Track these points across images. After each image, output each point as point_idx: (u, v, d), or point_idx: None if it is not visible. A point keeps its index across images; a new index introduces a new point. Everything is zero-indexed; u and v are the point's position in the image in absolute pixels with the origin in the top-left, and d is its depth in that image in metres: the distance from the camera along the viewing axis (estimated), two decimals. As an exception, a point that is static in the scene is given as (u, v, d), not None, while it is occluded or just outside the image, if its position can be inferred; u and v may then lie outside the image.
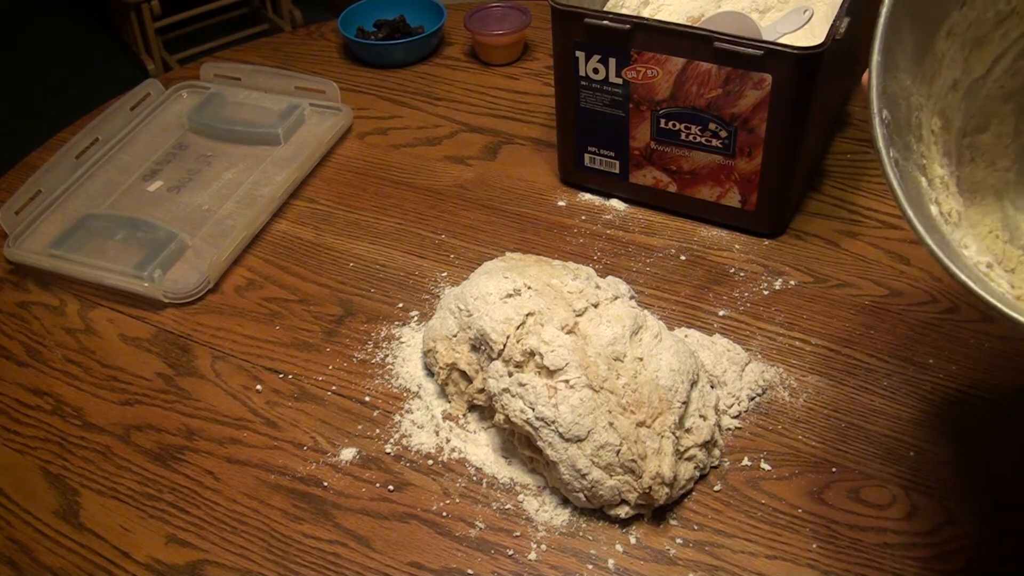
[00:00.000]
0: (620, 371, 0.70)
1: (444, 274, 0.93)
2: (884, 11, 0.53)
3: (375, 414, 0.80)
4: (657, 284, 0.90)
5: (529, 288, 0.75)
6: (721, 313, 0.87)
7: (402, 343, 0.85)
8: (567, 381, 0.69)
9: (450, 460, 0.76)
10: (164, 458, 0.77)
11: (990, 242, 0.60)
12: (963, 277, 0.49)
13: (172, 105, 1.16)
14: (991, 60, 0.60)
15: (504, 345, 0.72)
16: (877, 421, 0.76)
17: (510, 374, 0.71)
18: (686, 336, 0.81)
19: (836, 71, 0.90)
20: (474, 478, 0.74)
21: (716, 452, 0.74)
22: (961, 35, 0.58)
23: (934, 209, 0.56)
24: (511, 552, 0.69)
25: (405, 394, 0.81)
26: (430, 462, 0.76)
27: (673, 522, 0.71)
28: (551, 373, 0.69)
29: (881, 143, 0.52)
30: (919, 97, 0.57)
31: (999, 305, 0.47)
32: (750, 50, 0.82)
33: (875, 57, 0.53)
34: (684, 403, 0.71)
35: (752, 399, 0.78)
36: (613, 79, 0.90)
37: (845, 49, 0.86)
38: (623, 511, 0.69)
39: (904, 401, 0.78)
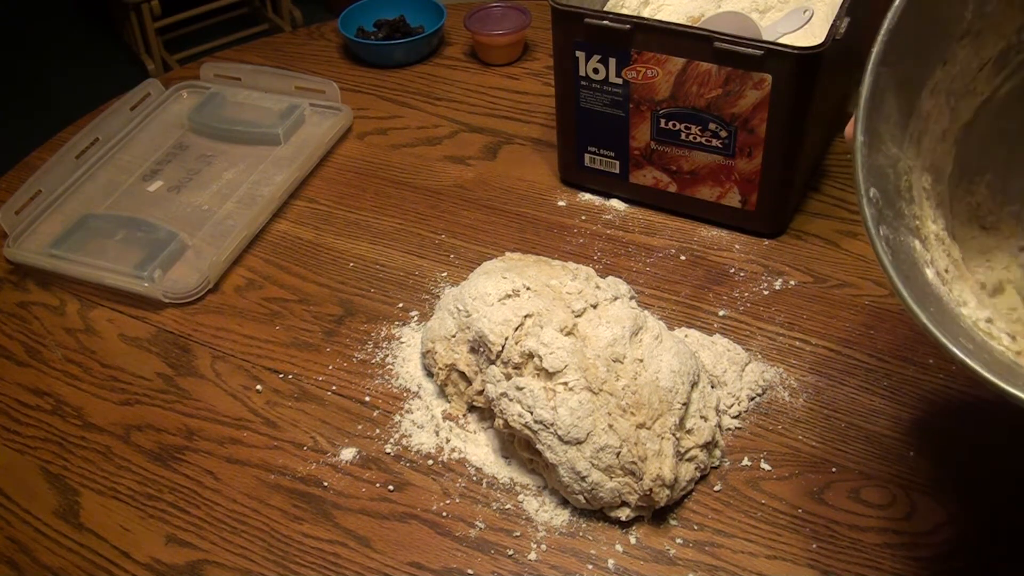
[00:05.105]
0: (620, 373, 0.70)
1: (444, 274, 0.92)
2: (864, 92, 0.51)
3: (375, 414, 0.80)
4: (657, 284, 0.90)
5: (528, 289, 0.75)
6: (721, 313, 0.87)
7: (402, 343, 0.85)
8: (566, 383, 0.69)
9: (450, 460, 0.76)
10: (164, 458, 0.77)
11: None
12: (961, 355, 0.47)
13: (172, 105, 1.15)
14: (977, 106, 0.59)
15: (502, 347, 0.72)
16: (877, 421, 0.76)
17: (508, 377, 0.71)
18: (686, 336, 0.81)
19: (836, 71, 0.90)
20: (474, 478, 0.74)
21: (716, 452, 0.74)
22: (945, 89, 0.57)
23: (929, 273, 0.54)
24: (511, 552, 0.69)
25: (405, 394, 0.81)
26: (430, 462, 0.76)
27: (673, 522, 0.71)
28: (550, 375, 0.69)
29: (871, 223, 0.51)
30: (908, 160, 0.56)
31: (997, 382, 0.47)
32: (750, 50, 0.82)
33: (859, 137, 0.51)
34: (684, 404, 0.71)
35: (752, 399, 0.78)
36: (613, 79, 0.90)
37: (845, 49, 0.86)
38: (623, 513, 0.69)
39: (904, 401, 0.78)
